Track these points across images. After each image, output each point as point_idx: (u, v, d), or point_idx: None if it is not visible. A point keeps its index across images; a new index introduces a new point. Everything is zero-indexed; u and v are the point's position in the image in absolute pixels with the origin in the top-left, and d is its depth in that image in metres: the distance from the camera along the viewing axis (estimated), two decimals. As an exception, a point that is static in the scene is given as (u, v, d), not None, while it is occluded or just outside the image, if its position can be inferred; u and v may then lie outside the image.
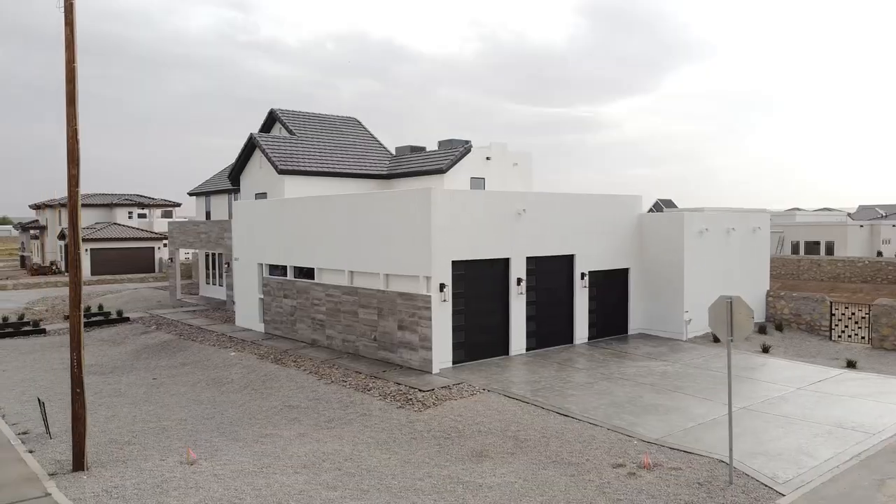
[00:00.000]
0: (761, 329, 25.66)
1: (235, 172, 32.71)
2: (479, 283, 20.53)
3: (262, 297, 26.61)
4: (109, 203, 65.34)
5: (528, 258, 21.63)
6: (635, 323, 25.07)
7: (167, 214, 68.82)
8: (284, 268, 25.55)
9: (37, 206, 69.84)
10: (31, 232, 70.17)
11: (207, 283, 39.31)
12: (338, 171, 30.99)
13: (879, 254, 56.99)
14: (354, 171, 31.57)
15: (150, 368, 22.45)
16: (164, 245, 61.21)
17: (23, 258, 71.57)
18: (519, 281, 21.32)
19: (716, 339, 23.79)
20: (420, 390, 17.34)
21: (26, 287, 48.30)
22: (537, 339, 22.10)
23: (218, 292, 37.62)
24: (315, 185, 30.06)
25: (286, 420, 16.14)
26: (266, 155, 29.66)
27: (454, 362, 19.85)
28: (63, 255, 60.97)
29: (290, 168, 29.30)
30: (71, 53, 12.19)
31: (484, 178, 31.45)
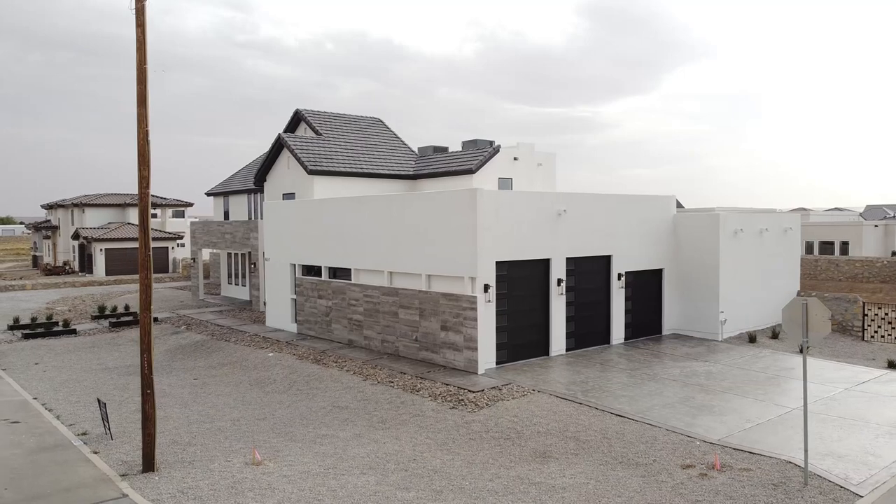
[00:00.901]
0: (794, 329, 25.63)
1: (262, 172, 32.71)
2: (520, 284, 20.54)
3: (294, 297, 26.62)
4: (122, 203, 65.26)
5: (567, 259, 21.64)
6: (669, 323, 25.08)
7: (178, 214, 68.79)
8: (317, 268, 25.57)
9: (49, 206, 69.79)
10: (43, 232, 70.12)
11: (229, 284, 39.30)
12: (366, 171, 30.99)
13: (894, 254, 57.02)
14: (382, 172, 31.58)
15: (189, 369, 22.44)
16: (179, 245, 61.21)
17: (35, 258, 71.54)
18: (559, 281, 21.33)
19: (751, 340, 23.79)
20: (470, 391, 17.35)
21: (45, 287, 48.29)
22: (576, 339, 22.12)
23: (241, 292, 37.62)
24: (344, 186, 30.08)
25: (338, 421, 16.13)
26: (295, 155, 29.66)
27: (497, 363, 19.87)
28: (77, 255, 60.94)
29: (319, 168, 29.30)
30: (142, 55, 12.19)
31: (511, 179, 31.47)
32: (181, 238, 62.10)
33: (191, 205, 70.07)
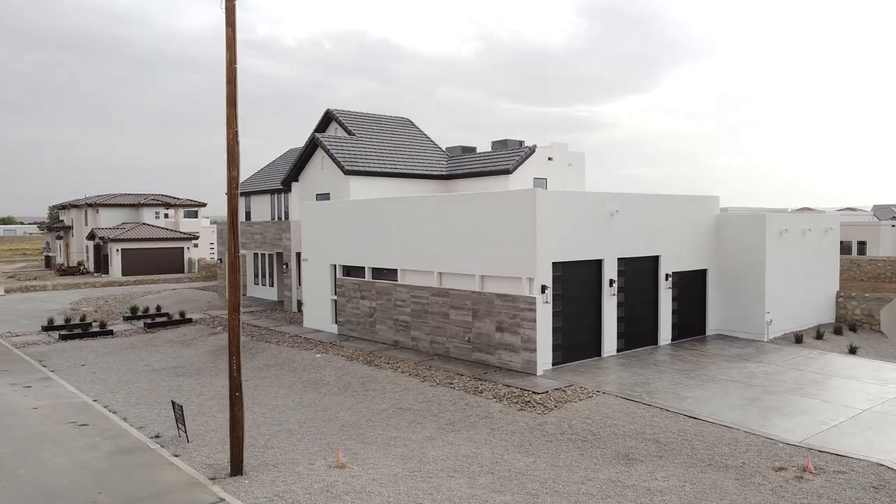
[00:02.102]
0: (837, 330, 25.65)
1: (294, 172, 32.57)
2: (574, 285, 20.45)
3: (335, 298, 26.49)
4: (136, 203, 65.09)
5: (618, 259, 21.56)
6: (713, 324, 25.01)
7: (191, 214, 68.59)
8: (358, 268, 25.43)
9: (61, 206, 69.59)
10: (56, 232, 69.89)
11: (256, 284, 39.15)
12: (401, 171, 30.88)
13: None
14: (417, 172, 31.47)
15: (236, 370, 22.28)
16: (195, 245, 61.03)
17: (48, 258, 71.30)
18: (611, 282, 21.25)
19: (798, 340, 23.71)
20: (534, 392, 17.25)
21: (65, 287, 48.10)
22: (626, 340, 22.04)
23: (268, 293, 37.48)
24: (379, 186, 29.96)
25: (405, 423, 16.02)
26: (331, 155, 29.53)
27: (553, 364, 19.78)
28: (92, 255, 60.70)
29: (355, 168, 29.18)
30: (232, 54, 12.08)
31: (546, 179, 31.38)
32: (196, 238, 61.95)
33: (204, 205, 69.90)
